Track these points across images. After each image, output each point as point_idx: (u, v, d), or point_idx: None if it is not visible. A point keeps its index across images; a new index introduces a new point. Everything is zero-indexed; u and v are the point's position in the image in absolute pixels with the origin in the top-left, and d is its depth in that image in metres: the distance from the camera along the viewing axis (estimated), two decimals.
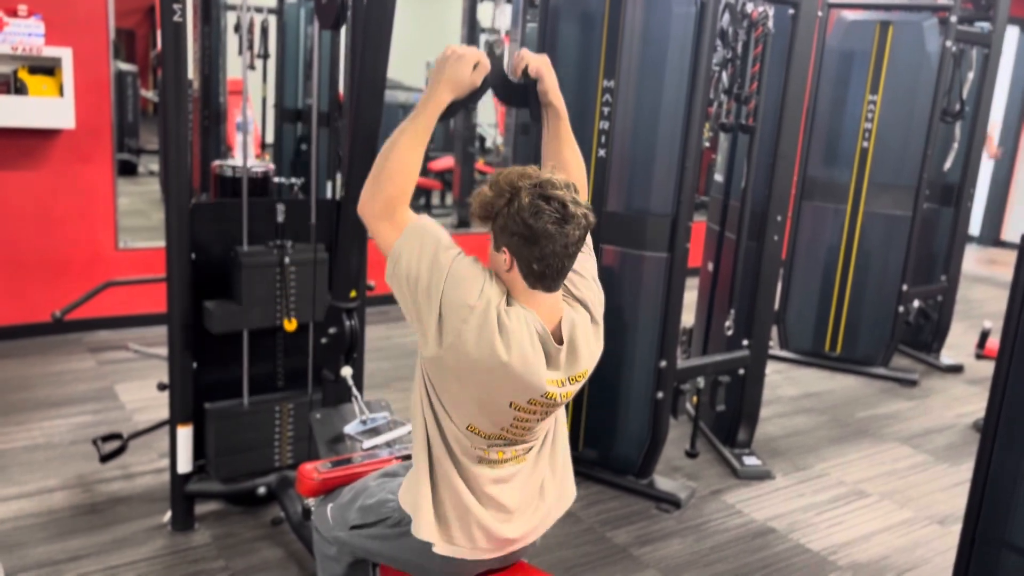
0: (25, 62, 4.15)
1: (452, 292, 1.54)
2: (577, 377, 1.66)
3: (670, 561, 2.92)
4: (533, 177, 1.54)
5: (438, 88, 1.69)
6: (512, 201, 1.52)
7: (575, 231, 1.54)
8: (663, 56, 3.04)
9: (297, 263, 2.82)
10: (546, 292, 1.59)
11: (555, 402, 1.64)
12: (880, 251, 4.77)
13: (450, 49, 1.71)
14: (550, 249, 1.52)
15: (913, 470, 3.77)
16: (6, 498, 2.98)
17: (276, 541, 2.83)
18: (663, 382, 3.23)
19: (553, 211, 1.51)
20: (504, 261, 1.56)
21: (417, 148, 1.66)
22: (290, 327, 2.85)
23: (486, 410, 1.61)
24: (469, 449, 1.66)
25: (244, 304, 2.77)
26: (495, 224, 1.56)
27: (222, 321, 2.75)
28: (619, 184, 3.16)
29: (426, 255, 1.57)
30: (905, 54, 4.55)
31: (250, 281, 2.76)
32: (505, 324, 1.54)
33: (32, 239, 4.42)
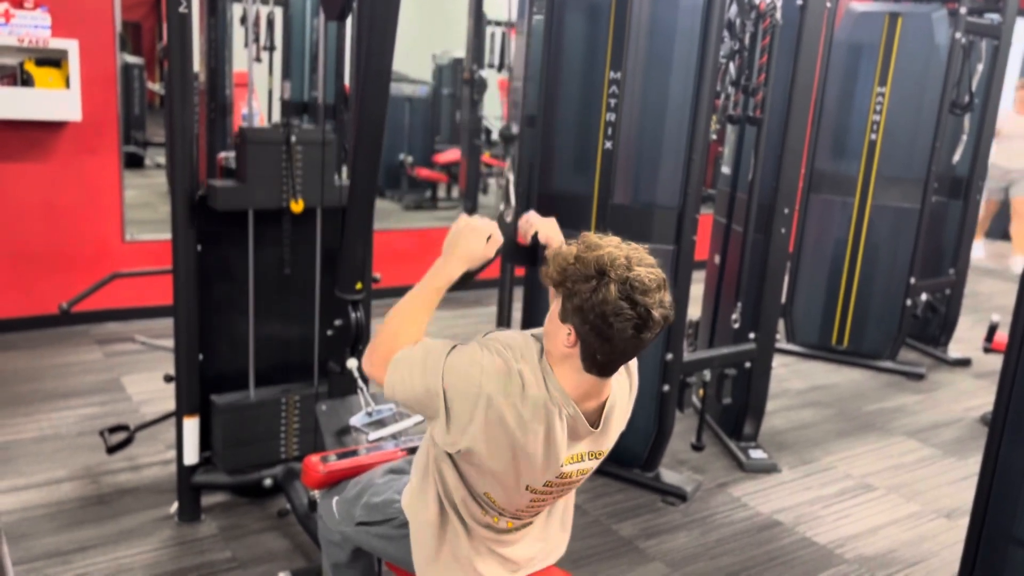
0: (31, 54, 4.15)
1: (452, 393, 1.52)
2: (598, 454, 1.63)
3: (676, 554, 2.92)
4: (625, 268, 1.43)
5: (451, 262, 1.68)
6: (597, 290, 1.42)
7: (651, 335, 1.46)
8: (670, 48, 3.02)
9: (304, 142, 2.74)
10: (600, 378, 1.53)
11: (571, 481, 1.61)
12: (888, 244, 4.75)
13: (463, 222, 1.70)
14: (621, 349, 1.46)
15: (920, 464, 3.76)
16: (14, 489, 3.00)
17: (282, 532, 2.84)
18: (669, 375, 3.23)
19: (636, 317, 1.42)
20: (567, 337, 1.48)
21: (423, 318, 1.66)
22: (296, 208, 2.76)
23: (503, 489, 1.60)
24: (478, 515, 1.66)
25: (249, 182, 2.69)
26: (569, 300, 1.46)
27: (228, 199, 2.67)
28: (625, 176, 3.15)
29: (416, 374, 1.56)
30: (914, 46, 4.51)
31: (256, 158, 2.68)
32: (520, 412, 1.50)
33: (39, 231, 4.43)
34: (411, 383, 1.57)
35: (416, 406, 1.59)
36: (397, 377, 1.59)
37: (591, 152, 3.15)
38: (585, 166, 3.18)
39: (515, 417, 1.50)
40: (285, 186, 2.75)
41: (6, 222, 4.33)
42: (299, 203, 2.76)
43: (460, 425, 1.52)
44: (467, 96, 6.77)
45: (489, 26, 6.94)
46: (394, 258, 5.02)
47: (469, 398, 1.51)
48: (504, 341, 1.56)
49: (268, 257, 2.87)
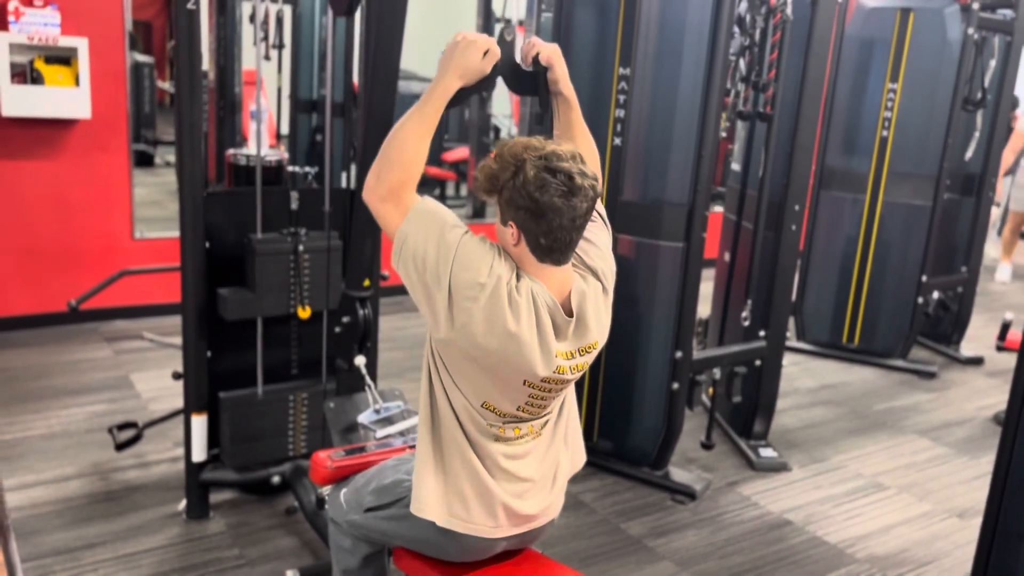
0: (41, 52, 4.16)
1: (461, 272, 1.52)
2: (587, 348, 1.64)
3: (685, 553, 2.90)
4: (538, 148, 1.51)
5: (446, 75, 1.66)
6: (517, 174, 1.50)
7: (582, 203, 1.51)
8: (679, 43, 3.00)
9: (311, 250, 2.82)
10: (555, 265, 1.57)
11: (566, 377, 1.63)
12: (899, 241, 4.72)
13: (460, 35, 1.68)
14: (557, 223, 1.50)
15: (932, 463, 3.73)
16: (23, 486, 3.00)
17: (290, 530, 2.83)
18: (678, 373, 3.21)
19: (559, 184, 1.48)
20: (511, 235, 1.54)
21: (423, 135, 1.63)
22: (304, 315, 2.85)
23: (500, 388, 1.60)
24: (484, 427, 1.65)
25: (258, 291, 2.77)
26: (501, 198, 1.53)
27: (236, 308, 2.76)
28: (635, 173, 3.13)
29: (432, 236, 1.55)
30: (926, 42, 4.48)
31: (264, 268, 2.76)
32: (515, 300, 1.53)
33: (49, 229, 4.44)
34: (424, 242, 1.55)
35: (418, 267, 1.55)
36: (412, 228, 1.57)
37: (600, 149, 3.11)
38: None
39: (515, 301, 1.52)
40: (293, 293, 2.83)
41: (16, 219, 4.35)
42: (306, 310, 2.85)
43: (462, 305, 1.52)
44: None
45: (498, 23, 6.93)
46: None
47: (479, 279, 1.52)
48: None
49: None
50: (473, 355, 1.56)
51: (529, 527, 1.74)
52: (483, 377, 1.59)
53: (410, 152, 1.61)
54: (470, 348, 1.55)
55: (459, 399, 1.64)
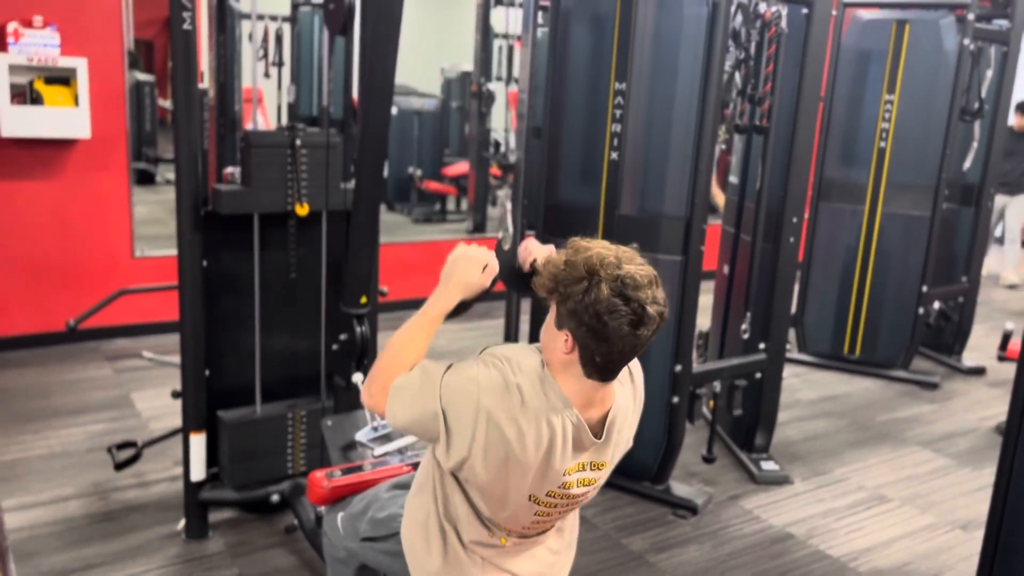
0: (41, 72, 4.18)
1: (450, 411, 1.51)
2: (599, 465, 1.61)
3: (687, 568, 2.88)
4: (615, 267, 1.43)
5: (447, 291, 1.67)
6: (589, 291, 1.42)
7: (648, 332, 1.45)
8: (675, 57, 3.01)
9: (309, 146, 2.73)
10: (601, 383, 1.51)
11: (572, 492, 1.59)
12: (899, 252, 4.71)
13: (460, 251, 1.69)
14: (618, 348, 1.44)
15: (935, 474, 3.71)
16: (22, 507, 3.00)
17: (290, 549, 2.82)
18: (679, 386, 3.20)
19: (630, 312, 1.41)
20: (564, 343, 1.48)
21: (419, 350, 1.64)
22: (302, 212, 2.74)
23: (506, 505, 1.58)
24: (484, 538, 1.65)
25: (254, 185, 2.68)
26: (563, 304, 1.46)
27: (232, 202, 2.67)
28: (632, 187, 3.14)
29: (416, 399, 1.55)
30: (922, 53, 4.49)
31: (260, 162, 2.66)
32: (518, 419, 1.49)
33: (49, 248, 4.45)
34: (411, 407, 1.56)
35: (418, 429, 1.58)
36: (397, 404, 1.58)
37: (597, 163, 3.14)
38: (591, 177, 3.17)
39: (515, 431, 1.48)
40: (290, 190, 2.74)
41: (16, 239, 4.36)
42: (304, 207, 2.75)
43: (461, 442, 1.51)
44: (475, 109, 6.79)
45: (496, 39, 6.96)
46: (403, 271, 5.02)
47: (468, 415, 1.49)
48: (502, 354, 1.55)
49: (274, 265, 2.87)
50: (477, 482, 1.55)
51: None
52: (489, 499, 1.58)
53: (395, 362, 1.63)
54: (475, 477, 1.54)
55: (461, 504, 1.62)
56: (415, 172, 7.34)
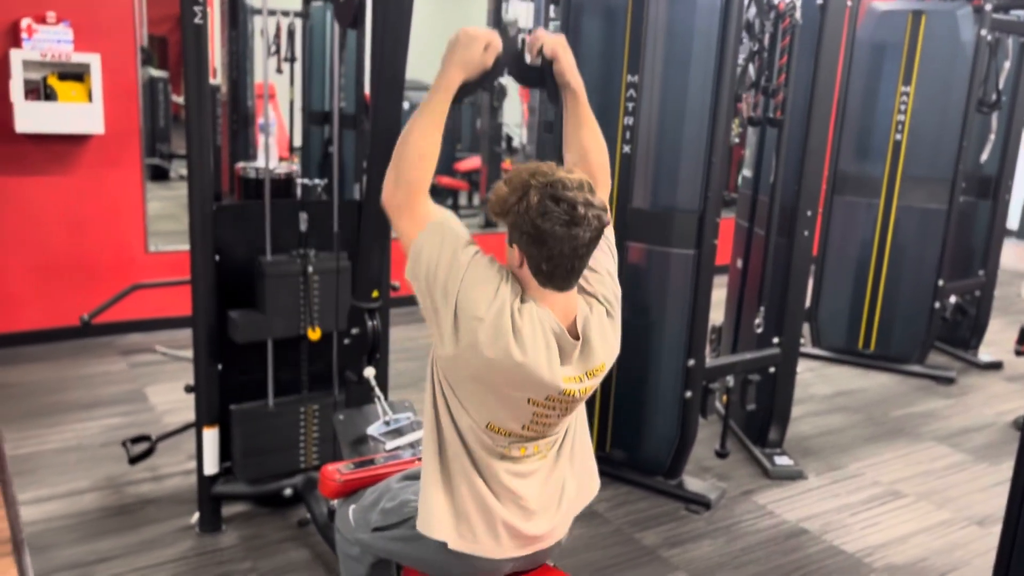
0: (54, 68, 4.20)
1: (468, 294, 1.53)
2: (594, 371, 1.64)
3: (700, 563, 2.87)
4: (546, 175, 1.52)
5: (448, 69, 1.67)
6: (522, 200, 1.51)
7: (585, 233, 1.51)
8: (688, 50, 2.99)
9: (320, 272, 2.83)
10: (557, 291, 1.57)
11: (574, 398, 1.62)
12: (915, 246, 4.67)
13: (462, 31, 1.69)
14: (558, 250, 1.51)
15: (951, 470, 3.68)
16: (38, 500, 3.01)
17: (302, 542, 2.83)
18: (691, 381, 3.18)
19: (562, 213, 1.49)
20: (516, 257, 1.56)
21: (433, 132, 1.65)
22: (314, 336, 2.85)
23: (505, 407, 1.59)
24: (490, 446, 1.64)
25: (268, 313, 2.78)
26: (507, 219, 1.55)
27: (246, 331, 2.77)
28: (644, 180, 3.12)
29: (445, 253, 1.56)
30: (939, 44, 4.45)
31: (274, 291, 2.76)
32: (519, 325, 1.52)
33: (63, 244, 4.47)
34: (437, 257, 1.56)
35: (429, 281, 1.56)
36: (426, 242, 1.58)
37: (609, 157, 3.11)
38: None
39: (520, 322, 1.53)
40: (303, 315, 2.83)
41: (31, 235, 4.38)
42: (316, 331, 2.85)
43: (467, 325, 1.52)
44: (487, 104, 6.77)
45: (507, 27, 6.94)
46: None
47: (485, 299, 1.53)
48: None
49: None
50: (476, 374, 1.56)
51: (533, 549, 1.72)
52: (487, 396, 1.59)
53: (423, 148, 1.64)
54: (474, 367, 1.55)
55: (464, 420, 1.63)
56: None
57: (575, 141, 1.83)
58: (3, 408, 3.74)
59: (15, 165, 4.28)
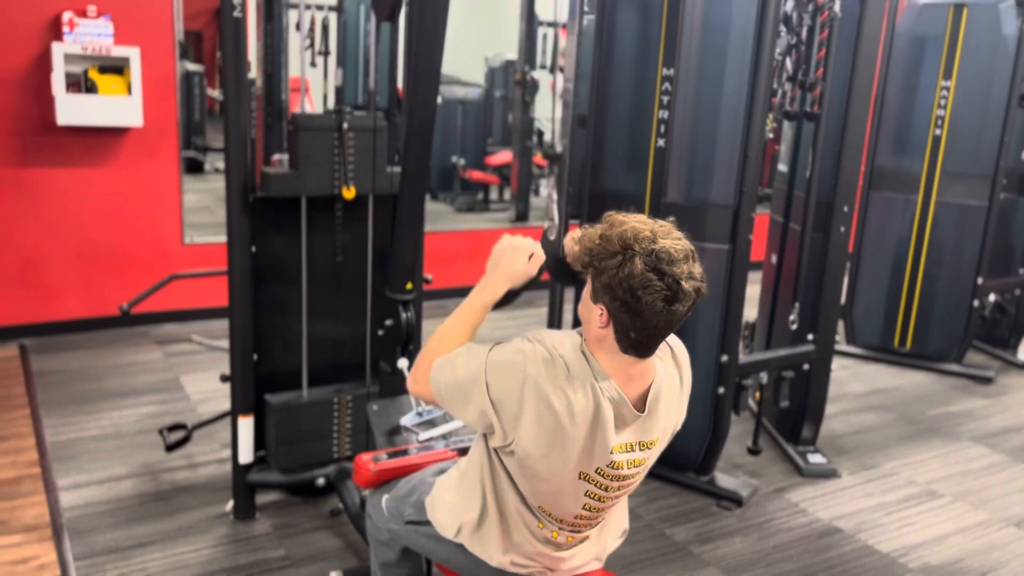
0: (95, 62, 4.26)
1: (495, 382, 1.52)
2: (648, 444, 1.58)
3: (731, 560, 2.85)
4: (650, 241, 1.43)
5: (493, 280, 1.69)
6: (623, 265, 1.41)
7: (683, 308, 1.45)
8: (724, 43, 2.96)
9: (356, 129, 2.75)
10: (638, 358, 1.51)
11: (623, 472, 1.57)
12: (954, 242, 4.60)
13: (505, 241, 1.70)
14: (653, 323, 1.44)
15: (988, 470, 3.62)
16: (77, 486, 3.07)
17: (335, 531, 2.86)
18: (724, 377, 3.16)
19: (665, 288, 1.41)
20: (599, 317, 1.48)
21: (465, 339, 1.66)
22: (348, 194, 2.76)
23: (555, 488, 1.57)
24: (533, 527, 1.64)
25: (302, 168, 2.71)
26: (598, 279, 1.46)
27: (280, 185, 2.70)
28: (678, 174, 3.10)
29: (459, 369, 1.57)
30: (980, 38, 4.37)
31: (308, 145, 2.69)
32: (564, 390, 1.48)
33: (102, 235, 4.55)
34: (454, 375, 1.57)
35: (460, 399, 1.57)
36: (440, 376, 1.59)
37: (643, 150, 3.11)
38: (637, 165, 3.14)
39: (562, 401, 1.48)
40: (337, 173, 2.76)
41: (71, 225, 4.46)
42: (351, 190, 2.76)
43: (509, 413, 1.51)
44: (519, 98, 6.77)
45: (541, 27, 6.93)
46: (446, 260, 5.04)
47: (515, 386, 1.49)
48: (542, 334, 1.56)
49: (321, 248, 2.89)
50: (525, 458, 1.54)
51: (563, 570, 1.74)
52: (538, 478, 1.57)
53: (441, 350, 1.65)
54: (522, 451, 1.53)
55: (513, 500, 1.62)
56: (458, 161, 7.35)
57: None
58: (44, 395, 3.82)
59: (56, 157, 4.36)
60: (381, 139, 2.77)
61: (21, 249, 4.38)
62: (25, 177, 4.31)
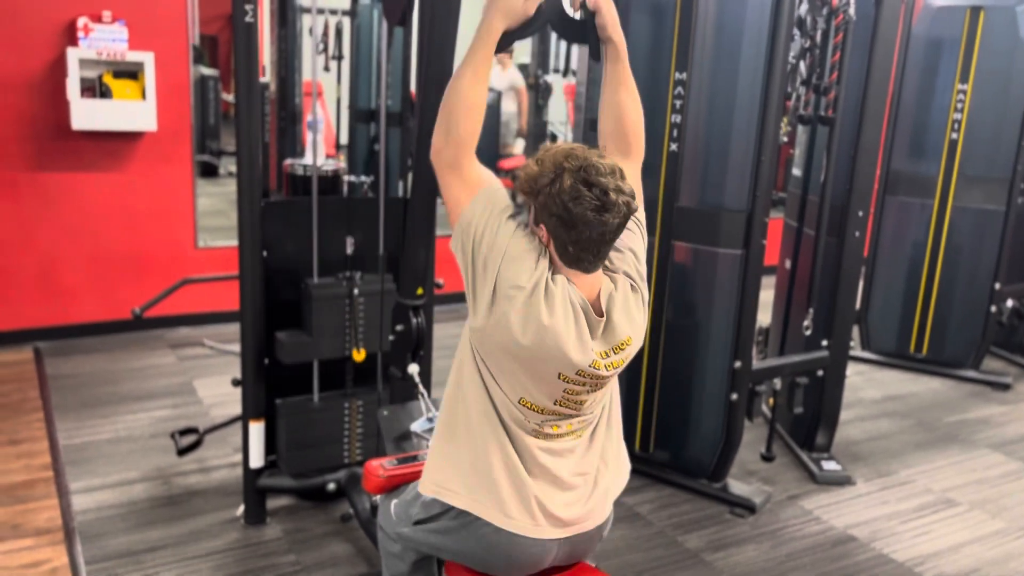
0: (110, 67, 4.29)
1: (507, 270, 1.56)
2: (620, 345, 1.64)
3: (744, 568, 2.83)
4: (579, 159, 1.52)
5: (490, 17, 1.67)
6: (555, 181, 1.52)
7: (614, 219, 1.52)
8: (737, 46, 2.94)
9: (366, 294, 2.87)
10: (582, 273, 1.59)
11: (601, 373, 1.62)
12: (971, 247, 4.55)
13: None
14: (587, 235, 1.52)
15: (1006, 478, 3.57)
16: (89, 489, 3.08)
17: (345, 537, 2.85)
18: (738, 383, 3.14)
19: (593, 198, 1.50)
20: (542, 237, 1.58)
21: (479, 83, 1.65)
22: (358, 357, 2.90)
23: (536, 381, 1.61)
24: (522, 421, 1.66)
25: (314, 335, 2.82)
26: (536, 200, 1.56)
27: (293, 352, 2.82)
28: (692, 179, 3.08)
29: (491, 225, 1.59)
30: (998, 40, 4.32)
31: (320, 313, 2.81)
32: (552, 293, 1.56)
33: (116, 239, 4.57)
34: (483, 229, 1.59)
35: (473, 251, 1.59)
36: (476, 214, 1.60)
37: (656, 155, 3.09)
38: (650, 169, 3.11)
39: (549, 297, 1.55)
40: (348, 336, 2.87)
41: (85, 229, 4.48)
42: (361, 352, 2.90)
43: (504, 295, 1.55)
44: (532, 101, 6.76)
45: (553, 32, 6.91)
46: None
47: (524, 273, 1.55)
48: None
49: (332, 244, 2.90)
50: (509, 347, 1.58)
51: (570, 532, 1.71)
52: (518, 370, 1.60)
53: (471, 99, 1.64)
54: (506, 339, 1.57)
55: (497, 393, 1.65)
56: None
57: (612, 100, 1.82)
58: (58, 398, 3.84)
59: (71, 161, 4.38)
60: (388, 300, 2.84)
61: (36, 253, 4.41)
62: (40, 181, 4.34)
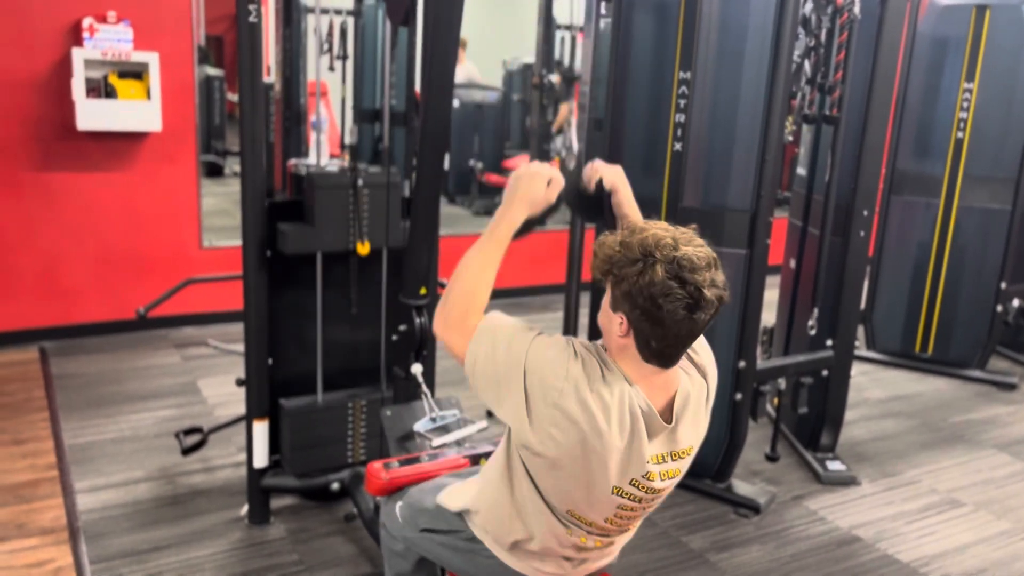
0: (115, 67, 4.29)
1: (534, 377, 1.46)
2: (680, 453, 1.54)
3: (748, 568, 2.82)
4: (672, 248, 1.39)
5: (512, 207, 1.65)
6: (643, 273, 1.38)
7: (705, 316, 1.41)
8: (742, 46, 2.94)
9: (370, 186, 2.79)
10: (660, 368, 1.48)
11: (656, 484, 1.53)
12: (976, 247, 4.54)
13: (524, 167, 1.67)
14: (674, 332, 1.41)
15: (1012, 479, 3.56)
16: (94, 488, 3.09)
17: (349, 537, 2.85)
18: (742, 383, 3.13)
19: (687, 296, 1.37)
20: (620, 326, 1.45)
21: (488, 271, 1.61)
22: (363, 251, 2.81)
23: (588, 496, 1.52)
24: (562, 536, 1.60)
25: (317, 225, 2.75)
26: (618, 287, 1.43)
27: (296, 242, 2.74)
28: (695, 178, 3.07)
29: (500, 348, 1.51)
30: (1004, 39, 4.31)
31: (323, 202, 2.74)
32: (603, 396, 1.44)
33: (121, 239, 4.58)
34: (493, 355, 1.51)
35: (492, 383, 1.51)
36: (481, 350, 1.53)
37: (660, 154, 3.09)
38: (654, 168, 3.11)
39: (600, 404, 1.43)
40: (352, 229, 2.81)
41: (90, 229, 4.49)
42: (365, 245, 2.83)
43: (540, 414, 1.45)
44: (537, 101, 6.75)
45: (558, 30, 6.91)
46: None
47: (555, 382, 1.44)
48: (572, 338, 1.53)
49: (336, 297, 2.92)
50: (558, 459, 1.48)
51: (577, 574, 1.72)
52: (569, 483, 1.51)
53: (474, 287, 1.60)
54: (556, 452, 1.47)
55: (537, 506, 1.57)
56: (476, 165, 7.35)
57: None
58: (63, 398, 3.84)
59: (76, 162, 4.39)
60: (394, 194, 2.82)
61: (41, 253, 4.42)
62: (45, 181, 4.35)
